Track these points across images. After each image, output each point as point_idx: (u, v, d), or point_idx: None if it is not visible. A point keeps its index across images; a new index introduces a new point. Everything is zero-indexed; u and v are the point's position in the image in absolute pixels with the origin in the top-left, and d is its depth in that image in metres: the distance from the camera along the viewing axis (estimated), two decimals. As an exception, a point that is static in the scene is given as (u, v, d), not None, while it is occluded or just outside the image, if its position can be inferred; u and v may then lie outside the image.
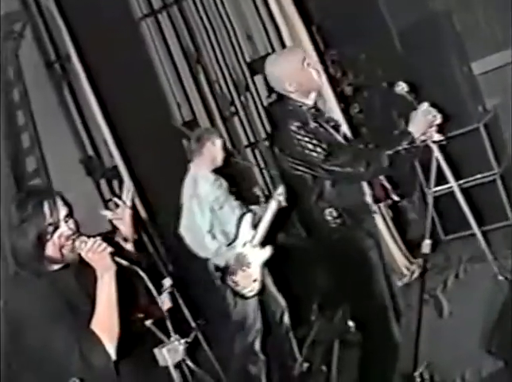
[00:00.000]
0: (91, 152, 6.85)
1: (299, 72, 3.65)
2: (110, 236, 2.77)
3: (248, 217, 4.66)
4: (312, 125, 3.54)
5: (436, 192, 5.97)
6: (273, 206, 4.48)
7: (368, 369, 3.72)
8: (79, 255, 2.61)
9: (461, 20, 6.35)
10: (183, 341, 2.37)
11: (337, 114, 6.17)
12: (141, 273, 2.64)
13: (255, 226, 4.57)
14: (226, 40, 6.72)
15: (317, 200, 3.58)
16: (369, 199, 3.79)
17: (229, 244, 4.61)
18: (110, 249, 2.62)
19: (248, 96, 6.70)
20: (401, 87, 3.75)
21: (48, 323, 2.50)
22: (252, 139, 6.74)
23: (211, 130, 5.14)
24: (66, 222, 2.65)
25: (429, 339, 4.12)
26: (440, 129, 3.61)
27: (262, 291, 4.63)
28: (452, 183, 4.37)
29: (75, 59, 5.80)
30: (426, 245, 4.19)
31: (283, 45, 6.25)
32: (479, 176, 5.89)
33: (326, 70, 6.30)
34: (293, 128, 3.48)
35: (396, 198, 3.98)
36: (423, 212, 6.21)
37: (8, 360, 2.62)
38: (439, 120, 3.55)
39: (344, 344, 4.85)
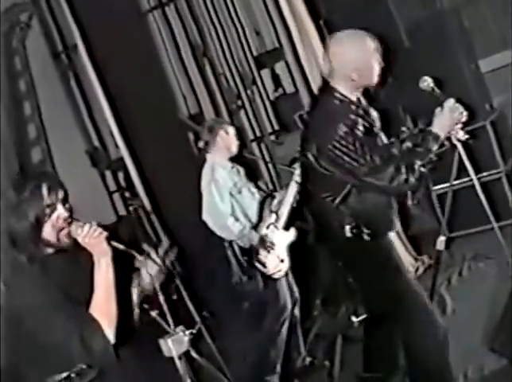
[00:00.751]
0: (96, 143, 6.86)
1: (367, 61, 3.44)
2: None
3: (269, 201, 4.69)
4: (361, 131, 3.35)
5: (441, 189, 6.00)
6: (293, 188, 4.51)
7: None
8: (75, 240, 2.63)
9: (469, 17, 6.33)
10: (188, 332, 2.36)
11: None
12: (138, 257, 2.66)
13: (277, 211, 4.59)
14: (234, 34, 6.72)
15: (339, 204, 3.45)
16: (395, 214, 3.67)
17: (253, 228, 4.63)
18: (105, 234, 2.63)
19: (254, 90, 6.70)
20: (427, 83, 3.61)
21: (46, 309, 2.52)
22: (258, 133, 6.74)
23: (222, 120, 5.15)
24: (63, 205, 2.67)
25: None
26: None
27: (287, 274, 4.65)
28: (474, 179, 4.29)
29: (82, 50, 5.79)
30: (440, 242, 4.15)
31: (290, 40, 6.24)
32: (484, 174, 5.87)
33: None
34: (341, 133, 3.28)
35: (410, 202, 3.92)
36: (427, 209, 6.22)
37: (9, 347, 2.61)
38: (465, 117, 3.41)
39: (347, 339, 4.85)
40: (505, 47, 6.30)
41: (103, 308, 2.57)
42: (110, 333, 2.53)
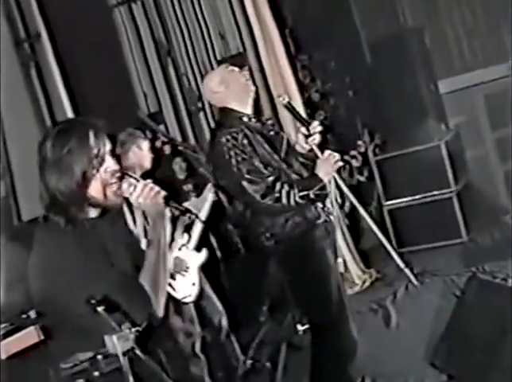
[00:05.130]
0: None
1: (226, 74, 3.77)
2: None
3: (181, 220, 4.56)
4: (243, 141, 3.55)
5: (392, 205, 6.11)
6: (206, 205, 4.44)
7: (323, 370, 3.74)
8: (124, 199, 2.39)
9: (432, 38, 6.46)
10: (134, 329, 2.34)
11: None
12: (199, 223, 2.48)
13: (189, 230, 4.46)
14: (199, 36, 6.70)
15: (251, 219, 3.67)
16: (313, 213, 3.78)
17: None
18: (164, 193, 2.38)
19: (216, 93, 6.69)
20: (283, 98, 3.81)
21: (83, 278, 2.25)
22: (216, 137, 6.73)
23: (136, 134, 4.89)
24: (112, 156, 2.38)
25: (375, 348, 4.18)
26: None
27: (200, 296, 4.56)
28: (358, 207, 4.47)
29: (46, 39, 5.71)
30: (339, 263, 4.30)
31: (255, 46, 6.26)
32: (436, 192, 5.99)
33: (295, 74, 6.35)
34: (223, 140, 3.53)
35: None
36: (379, 223, 6.31)
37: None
38: (340, 163, 3.62)
39: (291, 346, 4.87)
40: (464, 70, 6.45)
41: (155, 276, 2.34)
42: (159, 306, 2.34)
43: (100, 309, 2.23)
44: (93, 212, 2.42)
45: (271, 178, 3.52)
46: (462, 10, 6.49)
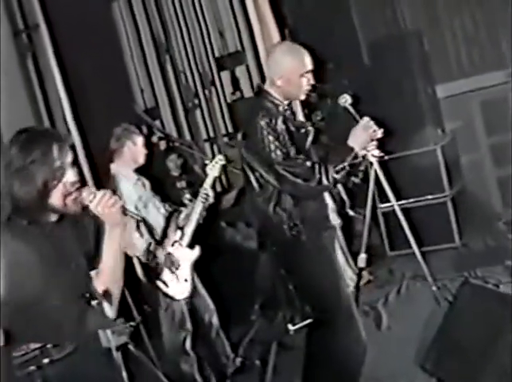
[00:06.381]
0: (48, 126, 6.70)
1: (295, 74, 3.63)
2: None
3: (175, 217, 4.57)
4: (281, 126, 3.53)
5: (386, 207, 6.10)
6: (199, 204, 4.43)
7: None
8: (83, 207, 2.47)
9: (431, 42, 6.47)
10: (128, 324, 2.34)
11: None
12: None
13: (182, 227, 4.47)
14: (197, 33, 6.71)
15: (275, 207, 3.59)
16: (331, 213, 3.76)
17: (158, 244, 4.47)
18: (121, 203, 2.49)
19: (213, 91, 6.69)
20: (345, 100, 3.77)
21: (44, 276, 2.36)
22: (211, 134, 6.73)
23: (132, 129, 4.83)
24: (72, 168, 2.48)
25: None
26: (381, 144, 3.69)
27: (193, 293, 4.55)
28: (393, 202, 4.48)
29: (44, 30, 5.69)
30: (361, 259, 4.27)
31: (254, 45, 6.26)
32: (430, 196, 6.00)
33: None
34: (262, 123, 3.47)
35: (352, 213, 3.98)
36: (371, 226, 6.30)
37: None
38: (379, 134, 3.60)
39: (282, 346, 4.87)
40: (462, 75, 6.46)
41: (110, 281, 2.46)
42: (111, 309, 2.42)
43: (94, 303, 2.25)
44: (53, 217, 2.53)
45: (309, 163, 3.49)
46: (462, 16, 6.49)
